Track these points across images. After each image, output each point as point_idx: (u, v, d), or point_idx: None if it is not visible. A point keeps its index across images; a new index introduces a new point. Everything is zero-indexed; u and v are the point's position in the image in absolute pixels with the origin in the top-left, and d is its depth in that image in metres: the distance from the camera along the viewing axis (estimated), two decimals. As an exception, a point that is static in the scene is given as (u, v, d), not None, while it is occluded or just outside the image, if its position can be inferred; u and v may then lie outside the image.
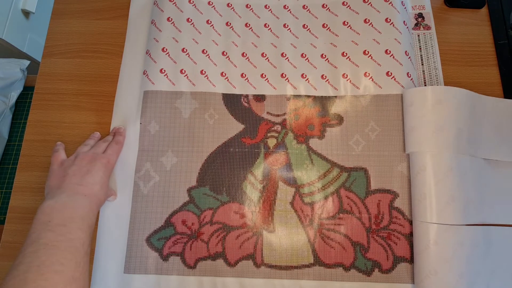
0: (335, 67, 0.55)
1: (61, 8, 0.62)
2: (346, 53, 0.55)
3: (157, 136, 0.52)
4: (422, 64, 0.56)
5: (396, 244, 0.48)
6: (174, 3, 0.58)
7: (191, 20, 0.58)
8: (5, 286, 0.34)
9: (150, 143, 0.52)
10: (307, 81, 0.54)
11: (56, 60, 0.59)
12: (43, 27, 1.07)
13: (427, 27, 0.58)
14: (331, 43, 0.56)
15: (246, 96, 0.54)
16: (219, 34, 0.57)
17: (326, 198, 0.50)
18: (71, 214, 0.41)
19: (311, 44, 0.56)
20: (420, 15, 0.59)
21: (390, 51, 0.54)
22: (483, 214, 0.47)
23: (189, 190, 0.50)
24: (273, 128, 0.53)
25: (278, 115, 0.53)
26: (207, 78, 0.55)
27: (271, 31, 0.58)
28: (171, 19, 0.57)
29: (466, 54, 0.57)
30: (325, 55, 0.55)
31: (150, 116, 0.53)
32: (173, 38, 0.56)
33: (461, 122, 0.47)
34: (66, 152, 0.52)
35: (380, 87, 0.53)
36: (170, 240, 0.49)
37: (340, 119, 0.53)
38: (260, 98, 0.54)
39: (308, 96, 0.54)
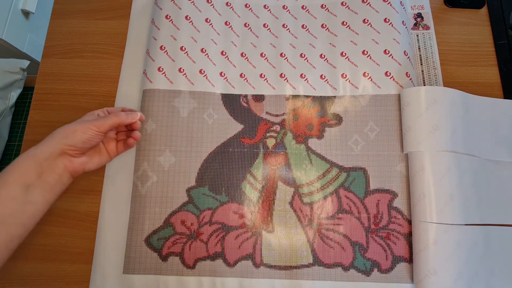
0: (334, 67, 0.55)
1: (61, 8, 0.62)
2: (345, 53, 0.55)
3: (153, 135, 0.52)
4: (421, 64, 0.56)
5: (395, 244, 0.48)
6: (173, 0, 0.58)
7: (190, 17, 0.58)
8: None
9: (147, 142, 0.52)
10: (306, 81, 0.54)
11: (56, 60, 0.59)
12: (43, 27, 1.07)
13: (426, 27, 0.58)
14: (330, 43, 0.56)
15: (245, 96, 0.54)
16: (218, 34, 0.57)
17: (325, 198, 0.50)
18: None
19: (310, 44, 0.56)
20: (419, 15, 0.59)
21: (389, 51, 0.54)
22: (482, 214, 0.47)
23: (188, 190, 0.50)
24: (272, 128, 0.53)
25: (277, 115, 0.53)
26: (206, 77, 0.55)
27: (270, 31, 0.58)
28: (170, 16, 0.57)
29: (466, 54, 0.57)
30: (324, 55, 0.55)
31: (147, 114, 0.53)
32: (171, 36, 0.56)
33: (456, 122, 0.47)
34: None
35: (379, 87, 0.53)
36: (169, 241, 0.49)
37: (339, 119, 0.53)
38: (259, 98, 0.54)
39: (307, 96, 0.54)
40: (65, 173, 0.44)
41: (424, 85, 0.55)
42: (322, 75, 0.55)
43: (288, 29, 0.57)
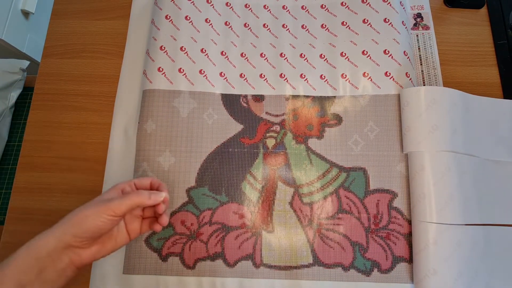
0: (334, 67, 0.55)
1: (61, 8, 0.62)
2: (345, 53, 0.55)
3: (153, 135, 0.52)
4: (421, 64, 0.56)
5: (395, 244, 0.48)
6: (173, 0, 0.58)
7: (190, 18, 0.58)
8: None
9: (147, 142, 0.52)
10: (306, 81, 0.54)
11: (56, 60, 0.59)
12: (43, 27, 1.07)
13: (426, 27, 0.58)
14: (330, 43, 0.56)
15: (245, 96, 0.54)
16: (218, 34, 0.57)
17: (325, 198, 0.50)
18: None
19: (310, 44, 0.56)
20: (419, 15, 0.59)
21: (388, 51, 0.54)
22: (482, 214, 0.47)
23: (188, 191, 0.50)
24: (272, 128, 0.53)
25: (277, 115, 0.53)
26: (206, 78, 0.55)
27: (270, 31, 0.58)
28: (169, 16, 0.57)
29: (466, 54, 0.57)
30: (324, 55, 0.55)
31: (147, 114, 0.53)
32: (171, 36, 0.56)
33: (456, 122, 0.47)
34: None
35: (378, 87, 0.53)
36: (169, 241, 0.49)
37: (339, 119, 0.53)
38: (259, 98, 0.54)
39: (307, 96, 0.54)
40: (69, 267, 0.37)
41: (424, 85, 0.55)
42: (322, 75, 0.55)
43: (288, 29, 0.57)
